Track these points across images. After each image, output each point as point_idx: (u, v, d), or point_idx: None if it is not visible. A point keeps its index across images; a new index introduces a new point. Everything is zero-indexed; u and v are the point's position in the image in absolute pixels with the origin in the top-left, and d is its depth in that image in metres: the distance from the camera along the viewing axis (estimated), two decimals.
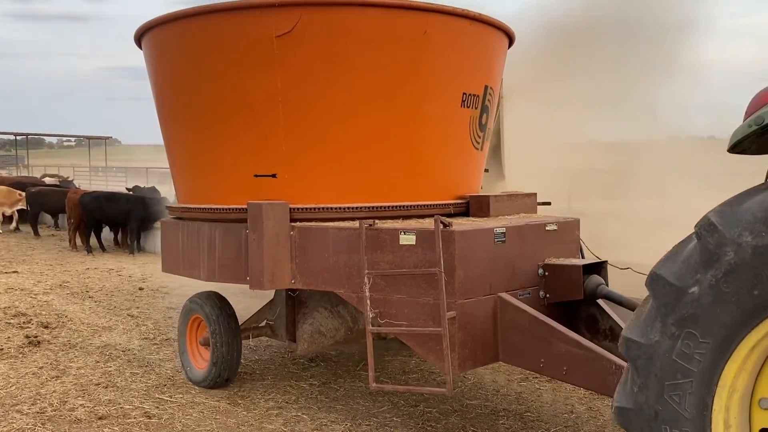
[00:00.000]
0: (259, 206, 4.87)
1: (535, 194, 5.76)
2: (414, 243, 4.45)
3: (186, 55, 5.48)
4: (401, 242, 4.51)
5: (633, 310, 4.58)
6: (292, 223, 4.97)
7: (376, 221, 4.70)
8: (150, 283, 11.27)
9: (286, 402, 5.69)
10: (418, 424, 5.23)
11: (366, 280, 4.50)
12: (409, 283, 4.49)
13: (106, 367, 6.66)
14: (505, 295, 4.55)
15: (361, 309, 4.72)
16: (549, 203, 5.78)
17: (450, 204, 5.43)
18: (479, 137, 5.75)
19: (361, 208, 5.02)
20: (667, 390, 2.79)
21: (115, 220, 15.33)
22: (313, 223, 4.96)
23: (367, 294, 4.50)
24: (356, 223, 4.82)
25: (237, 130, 5.25)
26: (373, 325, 4.53)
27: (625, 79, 9.90)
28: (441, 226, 4.26)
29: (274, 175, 5.15)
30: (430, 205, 5.31)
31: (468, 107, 5.47)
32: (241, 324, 6.04)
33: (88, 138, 43.94)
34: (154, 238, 14.48)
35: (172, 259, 5.98)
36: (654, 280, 2.83)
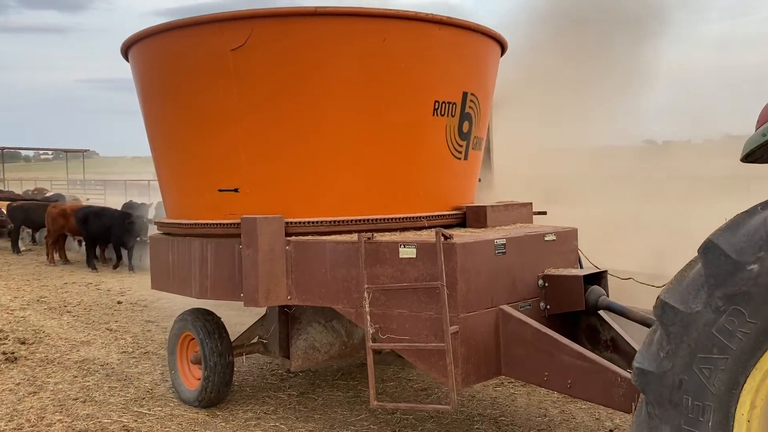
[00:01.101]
0: (254, 221, 4.75)
1: (531, 204, 5.71)
2: (414, 256, 4.36)
3: (158, 69, 5.56)
4: (401, 255, 4.41)
5: (636, 321, 4.57)
6: (288, 238, 4.85)
7: (374, 234, 4.60)
8: (129, 297, 11.22)
9: (265, 413, 5.69)
10: (395, 430, 5.26)
11: (366, 295, 4.40)
12: (410, 297, 4.39)
13: (84, 381, 6.62)
14: (506, 308, 4.48)
15: (360, 324, 4.61)
16: (545, 213, 5.71)
17: (446, 215, 5.35)
18: (460, 146, 5.49)
19: (357, 221, 4.92)
20: (698, 362, 2.70)
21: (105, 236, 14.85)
22: (309, 237, 4.85)
23: (367, 309, 4.40)
24: (353, 237, 4.74)
25: (204, 145, 5.29)
26: (373, 341, 4.42)
27: (604, 86, 9.96)
28: (442, 239, 4.18)
29: (236, 190, 5.15)
30: (428, 216, 5.22)
31: (442, 115, 5.24)
32: (233, 341, 5.90)
33: (66, 151, 43.39)
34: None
35: (162, 276, 5.82)
36: (709, 248, 2.68)
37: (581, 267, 5.21)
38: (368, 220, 4.95)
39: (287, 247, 4.83)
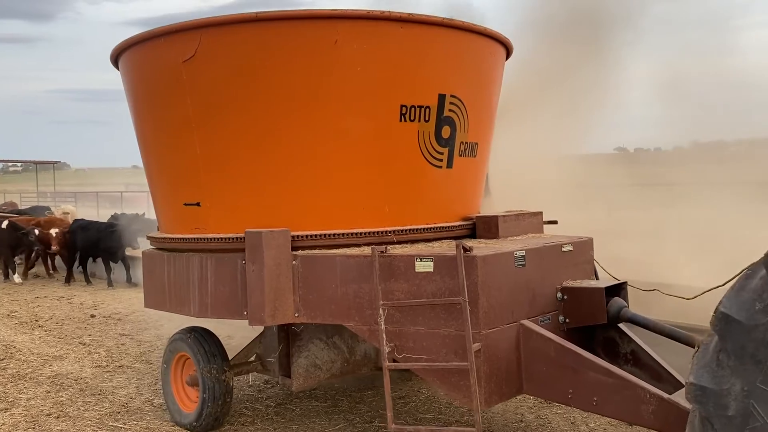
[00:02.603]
0: (259, 234, 4.50)
1: (541, 213, 5.53)
2: (432, 270, 4.15)
3: (133, 82, 5.52)
4: (417, 269, 4.19)
5: (662, 334, 4.40)
6: (294, 252, 4.60)
7: (388, 247, 4.38)
8: (102, 310, 11.02)
9: (242, 424, 5.61)
10: None
11: (381, 311, 4.17)
12: (427, 313, 4.18)
13: (57, 396, 6.48)
14: (527, 323, 4.29)
15: (374, 343, 4.38)
16: (555, 222, 5.54)
17: (455, 226, 5.14)
18: (439, 153, 5.01)
19: (367, 233, 4.69)
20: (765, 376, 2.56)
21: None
22: (317, 251, 4.60)
23: (383, 327, 4.17)
24: (364, 250, 4.51)
25: (171, 159, 5.29)
26: (389, 361, 4.19)
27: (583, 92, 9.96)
28: (462, 251, 3.97)
29: (198, 204, 5.09)
30: (436, 228, 5.01)
31: (412, 121, 4.80)
32: (231, 359, 5.62)
33: (36, 163, 42.46)
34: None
35: (156, 294, 5.50)
36: None
37: (597, 278, 5.03)
38: (380, 232, 4.73)
39: (294, 262, 4.58)
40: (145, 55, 5.27)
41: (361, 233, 4.69)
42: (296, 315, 4.61)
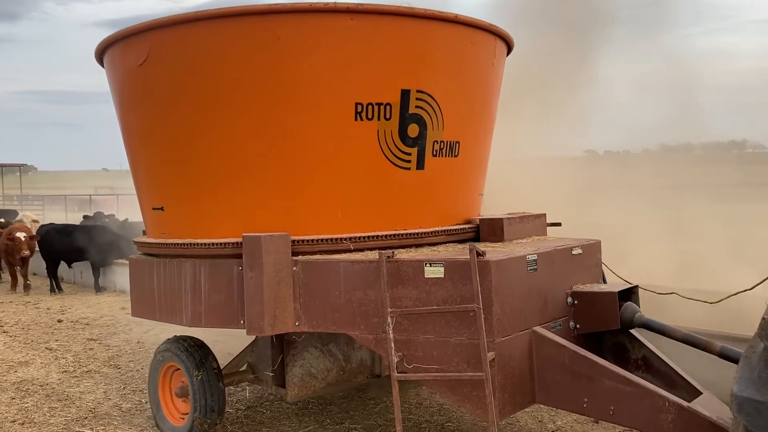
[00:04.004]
0: (257, 239, 4.26)
1: (545, 215, 5.37)
2: (442, 276, 3.96)
3: (110, 85, 5.46)
4: (427, 275, 4.00)
5: (677, 340, 4.27)
6: (295, 258, 4.38)
7: (395, 252, 4.18)
8: (69, 315, 10.83)
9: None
10: None
11: (389, 320, 3.97)
12: (437, 321, 3.99)
13: (22, 403, 6.40)
14: (540, 330, 4.13)
15: (381, 352, 4.18)
16: (559, 224, 5.39)
17: (459, 230, 4.95)
18: (405, 154, 4.64)
19: (373, 237, 4.49)
20: None
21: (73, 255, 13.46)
22: (319, 257, 4.38)
23: (391, 336, 3.97)
24: (368, 255, 4.32)
25: (141, 162, 5.30)
26: (399, 371, 3.99)
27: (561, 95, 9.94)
28: (476, 256, 3.79)
29: (162, 208, 5.09)
30: (438, 231, 4.82)
31: (370, 119, 4.48)
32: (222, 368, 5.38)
33: (1, 165, 41.50)
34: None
35: (145, 303, 5.21)
36: None
37: (605, 281, 4.89)
38: (388, 236, 4.54)
39: (294, 268, 4.36)
40: (113, 59, 5.22)
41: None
42: (297, 324, 4.39)
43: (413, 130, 4.65)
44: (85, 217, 17.13)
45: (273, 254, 4.27)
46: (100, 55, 5.37)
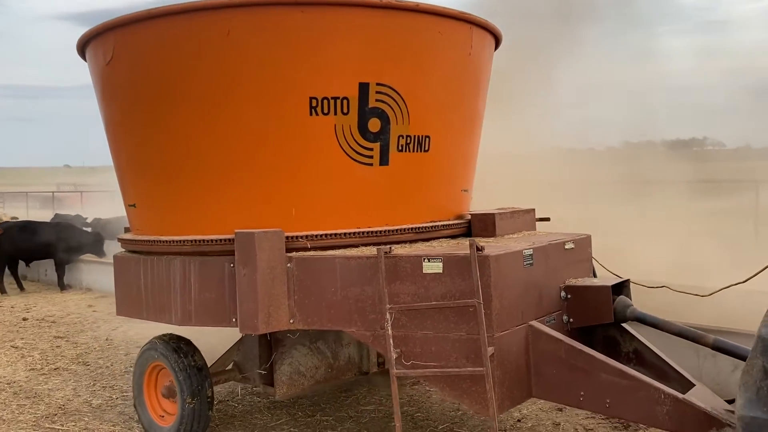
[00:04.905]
0: (251, 235, 4.18)
1: (534, 210, 5.40)
2: (441, 271, 3.94)
3: (92, 81, 5.41)
4: (425, 270, 3.98)
5: (671, 333, 4.32)
6: (289, 254, 4.31)
7: (392, 247, 4.15)
8: (35, 313, 10.69)
9: None
10: (316, 431, 5.34)
11: (388, 316, 3.94)
12: (435, 316, 3.97)
13: None
14: (536, 324, 4.15)
15: (378, 349, 4.16)
16: (548, 219, 5.42)
17: (451, 224, 4.94)
18: (366, 149, 4.51)
19: (366, 233, 4.44)
20: None
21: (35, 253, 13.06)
22: (314, 253, 4.33)
23: (390, 332, 3.94)
24: (363, 251, 4.28)
25: (118, 159, 5.34)
26: (397, 368, 3.96)
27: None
28: (476, 251, 3.78)
29: (133, 205, 5.16)
30: (419, 228, 4.74)
31: (326, 114, 4.37)
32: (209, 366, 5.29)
33: None
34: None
35: (131, 301, 5.08)
36: None
37: (595, 275, 4.94)
38: (379, 232, 4.50)
39: (289, 265, 4.29)
40: (91, 56, 5.22)
41: (356, 232, 4.48)
42: (291, 321, 4.33)
43: (374, 124, 4.52)
44: (56, 215, 16.64)
45: (267, 251, 4.20)
46: (82, 50, 5.28)
